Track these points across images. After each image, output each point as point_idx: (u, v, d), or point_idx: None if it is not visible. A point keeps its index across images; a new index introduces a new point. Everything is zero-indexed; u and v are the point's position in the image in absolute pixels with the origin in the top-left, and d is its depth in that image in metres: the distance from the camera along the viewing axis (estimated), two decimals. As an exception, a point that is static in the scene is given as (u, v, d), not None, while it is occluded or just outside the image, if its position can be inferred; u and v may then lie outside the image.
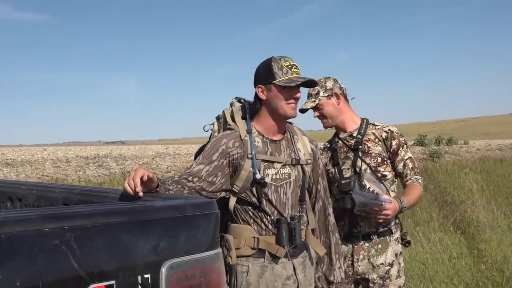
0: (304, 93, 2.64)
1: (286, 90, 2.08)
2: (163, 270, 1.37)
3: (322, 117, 2.68)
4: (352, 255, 2.62)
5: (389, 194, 2.55)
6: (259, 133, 2.15)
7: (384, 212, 2.40)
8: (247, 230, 2.11)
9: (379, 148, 2.63)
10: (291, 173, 2.16)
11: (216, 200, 1.87)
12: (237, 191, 2.10)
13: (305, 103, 2.65)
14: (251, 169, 2.08)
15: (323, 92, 2.63)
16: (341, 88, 2.67)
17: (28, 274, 1.18)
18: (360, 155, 2.61)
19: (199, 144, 2.57)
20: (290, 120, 2.23)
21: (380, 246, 2.61)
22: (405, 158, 2.63)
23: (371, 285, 2.60)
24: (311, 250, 2.22)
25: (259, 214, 2.11)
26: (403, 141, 2.65)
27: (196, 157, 2.20)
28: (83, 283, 1.24)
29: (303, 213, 2.22)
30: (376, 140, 2.64)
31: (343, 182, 2.54)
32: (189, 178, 2.05)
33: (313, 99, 2.64)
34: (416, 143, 37.17)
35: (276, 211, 2.11)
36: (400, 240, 2.66)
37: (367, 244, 2.61)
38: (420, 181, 2.61)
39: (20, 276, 1.16)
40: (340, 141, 2.71)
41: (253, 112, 2.19)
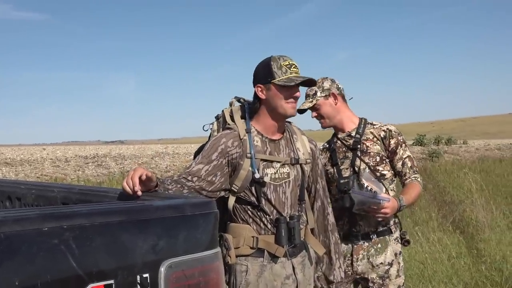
0: (303, 92, 2.64)
1: (285, 90, 2.08)
2: (162, 269, 1.36)
3: (320, 117, 2.68)
4: (352, 255, 2.61)
5: (388, 193, 2.55)
6: (258, 132, 2.15)
7: (383, 211, 2.40)
8: (246, 229, 2.11)
9: (378, 147, 2.63)
10: (290, 173, 2.16)
11: (215, 199, 1.87)
12: (236, 190, 2.10)
13: (302, 103, 2.65)
14: (250, 169, 2.08)
15: (321, 93, 2.63)
16: (338, 88, 2.67)
17: (27, 274, 1.17)
18: (359, 155, 2.61)
19: (199, 143, 2.57)
20: (289, 119, 2.23)
21: (379, 245, 2.61)
22: (404, 157, 2.62)
23: (370, 284, 2.60)
24: (310, 250, 2.22)
25: (258, 213, 2.11)
26: (401, 140, 2.65)
27: (195, 157, 2.19)
28: (81, 282, 1.24)
29: (302, 213, 2.22)
30: (375, 139, 2.64)
31: (342, 181, 2.54)
32: (189, 178, 2.05)
33: (311, 100, 2.64)
34: (415, 143, 37.18)
35: (275, 211, 2.11)
36: (399, 240, 2.67)
37: (366, 244, 2.61)
38: (419, 179, 2.61)
39: (19, 276, 1.16)
40: (339, 141, 2.71)
41: (252, 111, 2.19)
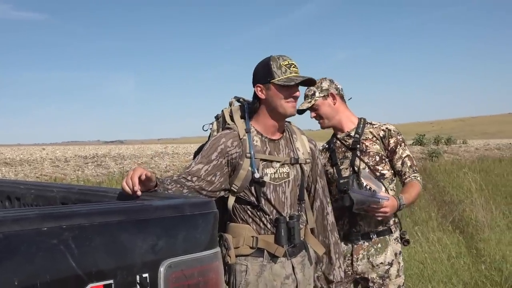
0: (302, 92, 2.64)
1: (285, 89, 2.08)
2: (162, 269, 1.36)
3: (319, 117, 2.68)
4: (352, 255, 2.61)
5: (388, 192, 2.55)
6: (258, 132, 2.15)
7: (382, 210, 2.40)
8: (246, 229, 2.11)
9: (377, 146, 2.63)
10: (290, 172, 2.16)
11: (214, 199, 1.87)
12: (235, 190, 2.10)
13: (301, 104, 2.64)
14: (250, 168, 2.07)
15: (319, 93, 2.63)
16: (337, 88, 2.67)
17: (26, 274, 1.17)
18: (358, 154, 2.61)
19: (198, 143, 2.57)
20: (288, 119, 2.23)
21: (379, 245, 2.60)
22: (403, 156, 2.62)
23: (370, 284, 2.60)
24: (310, 250, 2.22)
25: (258, 213, 2.11)
26: (401, 139, 2.65)
27: (195, 157, 2.19)
28: (81, 282, 1.23)
29: (302, 212, 2.22)
30: (374, 139, 2.64)
31: (341, 181, 2.54)
32: (188, 178, 2.05)
33: (309, 100, 2.64)
34: (415, 143, 37.18)
35: (274, 210, 2.11)
36: (399, 239, 2.66)
37: (366, 244, 2.61)
38: (418, 178, 2.61)
39: (18, 276, 1.16)
40: (338, 141, 2.71)
41: (252, 111, 2.19)
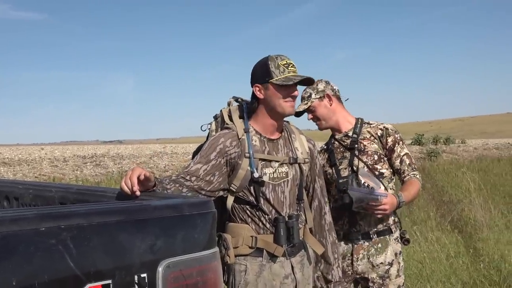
0: (300, 92, 2.64)
1: (283, 89, 2.08)
2: (160, 269, 1.36)
3: (316, 119, 2.69)
4: (352, 254, 2.61)
5: (387, 190, 2.55)
6: (257, 132, 2.15)
7: (382, 207, 2.40)
8: (245, 229, 2.11)
9: (375, 146, 2.63)
10: (289, 172, 2.16)
11: (213, 199, 1.87)
12: (234, 190, 2.10)
13: (298, 106, 2.65)
14: (249, 168, 2.07)
15: (315, 94, 2.64)
16: (333, 89, 2.68)
17: (24, 274, 1.17)
18: (357, 154, 2.61)
19: (197, 143, 2.56)
20: (287, 119, 2.24)
21: (379, 245, 2.60)
22: (402, 154, 2.63)
23: (370, 284, 2.60)
24: (309, 249, 2.22)
25: (257, 213, 2.11)
26: (398, 138, 2.66)
27: (193, 157, 2.19)
28: (79, 282, 1.23)
29: (301, 212, 2.22)
30: (372, 138, 2.65)
31: (340, 181, 2.55)
32: (187, 177, 2.05)
33: (306, 102, 2.65)
34: (414, 142, 37.18)
35: (274, 210, 2.11)
36: (399, 239, 2.67)
37: (366, 243, 2.61)
38: (418, 176, 2.61)
39: (16, 276, 1.16)
40: (336, 142, 2.71)
41: (250, 111, 2.19)
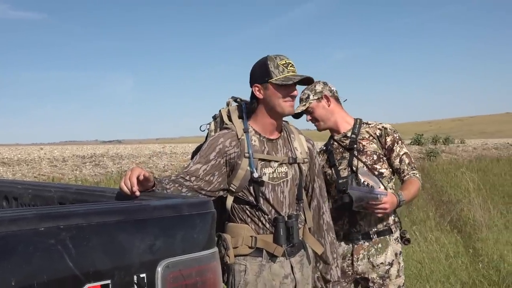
0: (300, 92, 2.64)
1: (283, 88, 2.09)
2: (159, 269, 1.36)
3: (315, 120, 2.69)
4: (352, 255, 2.61)
5: (386, 190, 2.55)
6: (256, 132, 2.15)
7: (382, 206, 2.40)
8: (245, 229, 2.11)
9: (374, 145, 2.63)
10: (288, 172, 2.16)
11: (213, 199, 1.87)
12: (234, 190, 2.10)
13: (296, 107, 2.65)
14: (248, 168, 2.07)
15: (313, 96, 2.65)
16: (331, 90, 2.69)
17: (23, 274, 1.17)
18: (356, 154, 2.61)
19: (196, 143, 2.57)
20: (285, 119, 2.24)
21: (380, 245, 2.60)
22: (401, 153, 2.63)
23: (370, 284, 2.60)
24: (308, 249, 2.22)
25: (257, 213, 2.11)
26: (397, 137, 2.66)
27: (193, 157, 2.19)
28: (78, 282, 1.23)
29: (301, 212, 2.22)
30: (371, 138, 2.65)
31: (340, 181, 2.55)
32: (187, 178, 2.04)
33: (304, 103, 2.66)
34: (413, 142, 37.19)
35: (273, 210, 2.11)
36: (400, 240, 2.67)
37: (367, 244, 2.61)
38: (417, 175, 2.61)
39: (15, 276, 1.15)
40: (335, 143, 2.72)
41: (249, 111, 2.19)
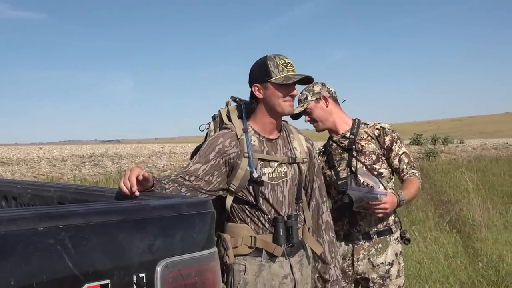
0: (299, 92, 2.64)
1: (283, 88, 2.09)
2: (158, 269, 1.36)
3: (313, 121, 2.70)
4: (352, 255, 2.61)
5: (386, 189, 2.55)
6: (255, 132, 2.15)
7: (382, 206, 2.40)
8: (244, 229, 2.11)
9: (373, 145, 2.63)
10: (288, 172, 2.16)
11: (212, 199, 1.87)
12: (233, 190, 2.10)
13: (295, 108, 2.65)
14: (248, 168, 2.07)
15: (311, 96, 2.65)
16: (329, 91, 2.69)
17: (23, 274, 1.17)
18: (355, 155, 2.62)
19: (196, 143, 2.57)
20: (285, 118, 2.24)
21: (380, 245, 2.61)
22: (400, 153, 2.63)
23: (371, 284, 2.60)
24: (308, 249, 2.22)
25: (256, 213, 2.10)
26: (396, 137, 2.66)
27: (192, 157, 2.19)
28: (77, 282, 1.23)
29: (300, 212, 2.22)
30: (369, 138, 2.65)
31: (340, 182, 2.56)
32: (186, 177, 2.04)
33: (302, 104, 2.66)
34: (412, 142, 37.22)
35: (273, 210, 2.11)
36: (400, 240, 2.67)
37: (367, 244, 2.61)
38: (417, 174, 2.62)
39: (15, 276, 1.15)
40: (334, 144, 2.72)
41: (249, 111, 2.19)
